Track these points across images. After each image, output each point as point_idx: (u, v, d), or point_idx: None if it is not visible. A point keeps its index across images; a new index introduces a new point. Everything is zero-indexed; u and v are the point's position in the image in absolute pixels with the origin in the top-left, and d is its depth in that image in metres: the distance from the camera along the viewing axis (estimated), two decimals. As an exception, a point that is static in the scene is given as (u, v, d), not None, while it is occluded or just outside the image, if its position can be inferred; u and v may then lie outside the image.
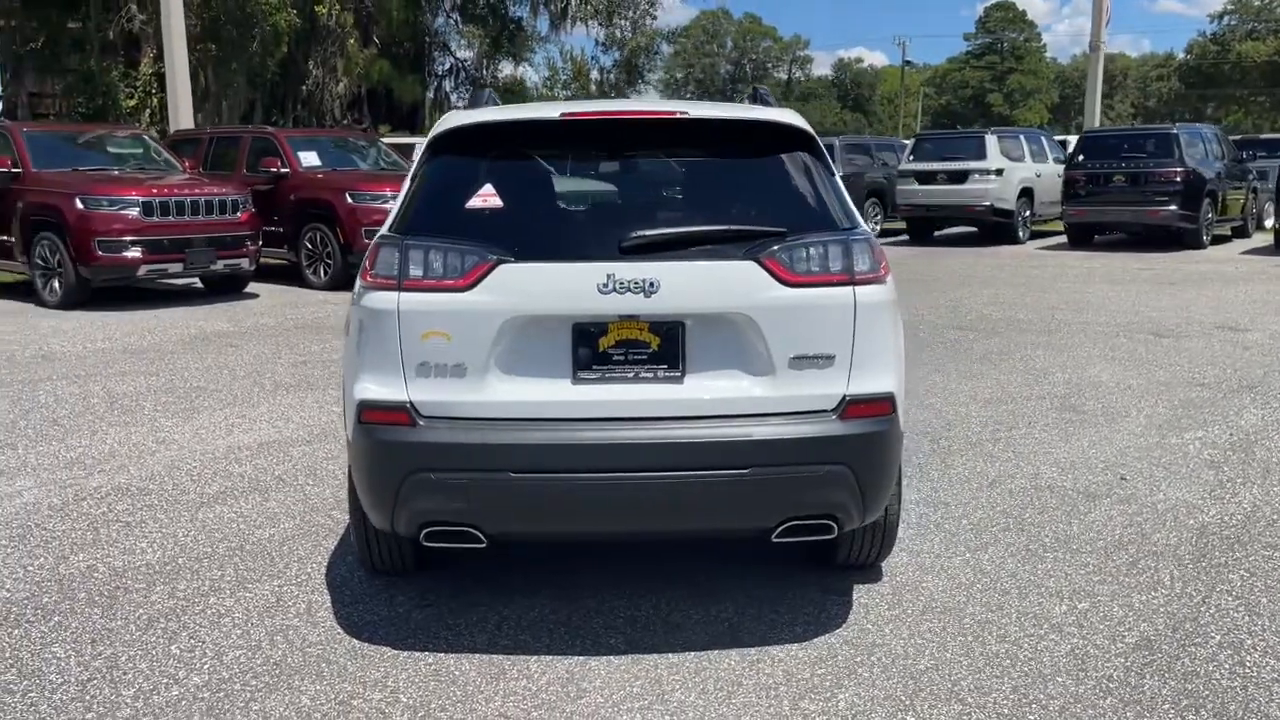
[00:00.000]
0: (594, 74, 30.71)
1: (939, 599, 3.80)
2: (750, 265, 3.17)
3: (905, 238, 20.06)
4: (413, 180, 3.48)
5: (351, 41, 24.13)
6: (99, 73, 23.50)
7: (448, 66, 30.29)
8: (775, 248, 3.19)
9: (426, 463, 3.18)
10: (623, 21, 30.36)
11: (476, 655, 3.39)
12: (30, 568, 4.10)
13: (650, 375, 3.20)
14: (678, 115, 3.43)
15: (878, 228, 20.59)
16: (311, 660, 3.35)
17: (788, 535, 3.33)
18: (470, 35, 29.47)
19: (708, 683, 3.21)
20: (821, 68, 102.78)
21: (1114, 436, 5.95)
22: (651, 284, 3.13)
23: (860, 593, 3.86)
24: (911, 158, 19.27)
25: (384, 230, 3.36)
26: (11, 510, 4.78)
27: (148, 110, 22.44)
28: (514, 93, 31.28)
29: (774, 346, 3.19)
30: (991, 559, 4.17)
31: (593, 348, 3.19)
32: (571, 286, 3.13)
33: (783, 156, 3.47)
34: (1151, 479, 5.17)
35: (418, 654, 3.40)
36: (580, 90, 32.71)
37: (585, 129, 3.47)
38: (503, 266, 3.16)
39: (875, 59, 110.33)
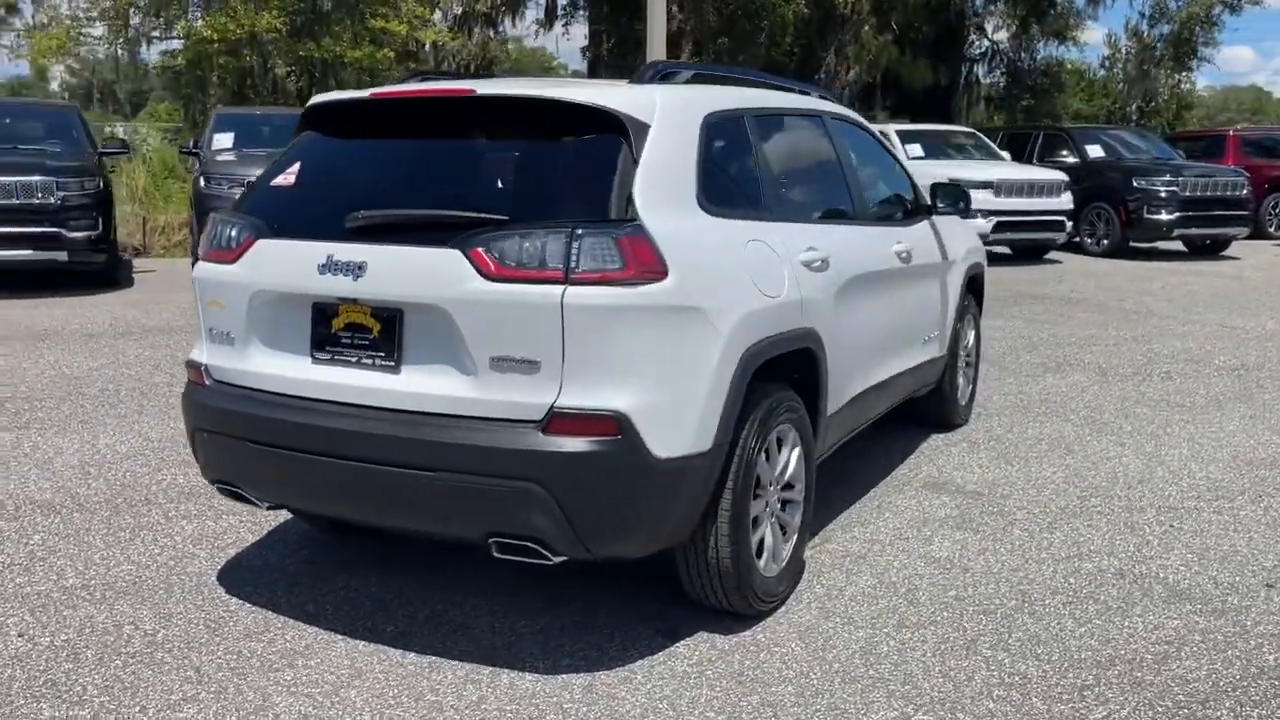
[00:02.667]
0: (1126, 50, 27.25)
1: (763, 670, 3.18)
2: (454, 254, 2.92)
3: None
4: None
5: (866, 28, 24.09)
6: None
7: (982, 49, 28.93)
8: (484, 237, 2.91)
9: (204, 423, 3.41)
10: (1178, -10, 26.50)
11: (264, 613, 3.54)
12: (123, 474, 5.00)
13: (370, 362, 3.11)
14: (464, 93, 3.24)
15: None
16: (155, 588, 3.74)
17: (503, 552, 3.04)
18: (1003, 16, 27.79)
19: (393, 691, 3.06)
20: None
21: (1364, 532, 4.31)
22: (359, 267, 3.03)
23: (695, 642, 3.36)
24: None
25: (236, 207, 3.63)
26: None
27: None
28: (1049, 75, 28.96)
29: (472, 344, 2.92)
30: (904, 643, 3.36)
31: (327, 329, 3.17)
32: (300, 265, 3.14)
33: (566, 140, 3.13)
34: (1316, 594, 3.72)
35: (233, 601, 3.64)
36: (1135, 72, 29.13)
37: (391, 109, 3.42)
38: (259, 242, 3.26)
39: None
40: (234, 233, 3.34)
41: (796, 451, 3.62)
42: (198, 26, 21.95)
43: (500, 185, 3.20)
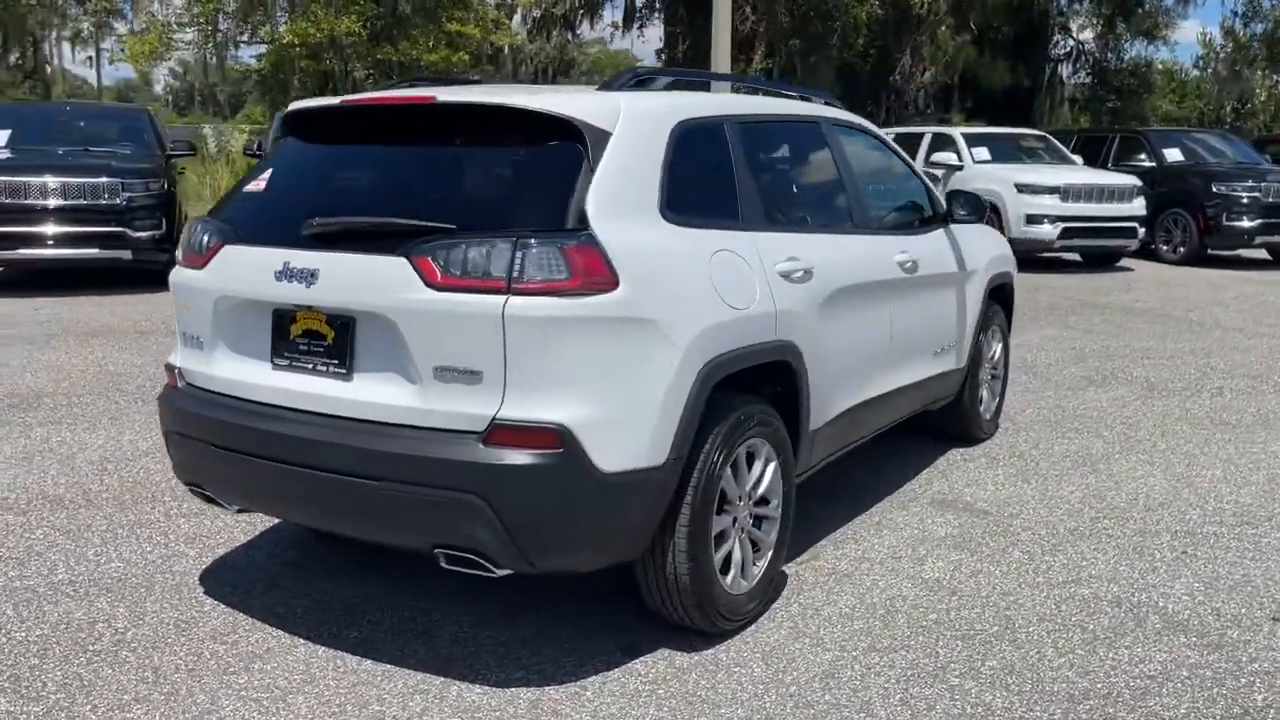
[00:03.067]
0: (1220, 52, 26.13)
1: (717, 691, 3.11)
2: (400, 262, 2.91)
3: None
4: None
5: (943, 29, 23.64)
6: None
7: (1067, 49, 28.11)
8: (430, 245, 2.89)
9: (175, 424, 3.46)
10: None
11: (235, 614, 3.57)
12: (137, 470, 5.11)
13: (324, 369, 3.11)
14: (425, 101, 3.23)
15: None
16: (137, 586, 3.80)
17: (450, 563, 3.02)
18: (1089, 15, 26.99)
19: (340, 699, 3.06)
20: None
21: (1395, 564, 4.05)
22: (312, 274, 3.04)
23: (654, 659, 3.30)
24: None
25: (213, 212, 3.68)
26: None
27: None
28: (1137, 76, 28.00)
29: (416, 353, 2.91)
30: (870, 667, 3.25)
31: (286, 335, 3.18)
32: (259, 271, 3.16)
33: (524, 148, 3.10)
34: (1325, 630, 3.51)
35: (208, 601, 3.68)
36: (1227, 72, 28.06)
37: (360, 116, 3.42)
38: (226, 248, 3.29)
39: None
40: (205, 238, 3.38)
41: (771, 467, 3.53)
42: (280, 31, 22.47)
43: (457, 193, 3.18)
